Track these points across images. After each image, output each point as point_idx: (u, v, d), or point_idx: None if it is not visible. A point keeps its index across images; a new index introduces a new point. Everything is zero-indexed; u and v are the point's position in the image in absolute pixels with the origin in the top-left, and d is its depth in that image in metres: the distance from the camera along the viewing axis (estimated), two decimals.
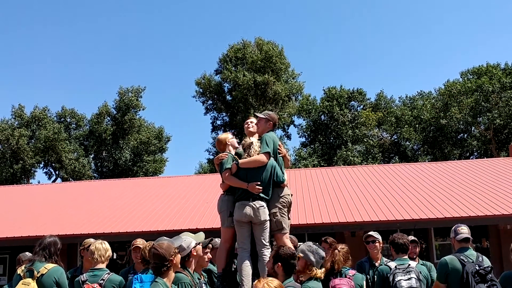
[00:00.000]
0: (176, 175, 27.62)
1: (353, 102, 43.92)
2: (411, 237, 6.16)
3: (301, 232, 16.68)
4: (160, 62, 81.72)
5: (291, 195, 5.65)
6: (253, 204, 5.19)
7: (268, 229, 5.27)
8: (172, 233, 13.39)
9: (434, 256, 16.16)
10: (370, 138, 41.66)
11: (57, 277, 4.99)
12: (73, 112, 46.56)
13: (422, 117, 39.94)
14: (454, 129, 38.86)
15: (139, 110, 46.06)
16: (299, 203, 17.58)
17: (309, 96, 45.33)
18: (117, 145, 44.50)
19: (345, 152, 39.11)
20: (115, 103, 45.42)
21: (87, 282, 4.90)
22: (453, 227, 5.14)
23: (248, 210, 5.17)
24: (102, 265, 5.11)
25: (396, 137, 42.89)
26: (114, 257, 18.74)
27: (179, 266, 3.84)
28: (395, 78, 77.64)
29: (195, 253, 4.10)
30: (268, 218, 5.25)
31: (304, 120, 45.25)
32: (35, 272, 4.89)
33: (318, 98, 44.95)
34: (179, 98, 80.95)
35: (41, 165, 44.27)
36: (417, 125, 40.56)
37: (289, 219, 5.54)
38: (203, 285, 4.61)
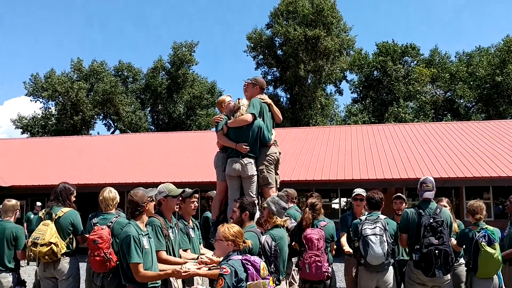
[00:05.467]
0: None
1: (406, 57, 42.72)
2: (398, 194, 6.54)
3: (333, 188, 17.23)
4: (213, 16, 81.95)
5: (280, 153, 6.15)
6: (242, 160, 5.75)
7: (255, 183, 5.81)
8: (207, 185, 14.26)
9: (465, 214, 16.19)
10: (423, 94, 40.64)
11: (72, 219, 5.82)
12: (130, 66, 48.18)
13: (478, 73, 38.29)
14: (510, 87, 37.12)
15: (192, 65, 47.11)
16: (327, 160, 18.06)
17: (361, 50, 44.45)
18: (172, 99, 45.96)
19: (396, 109, 38.52)
20: (169, 57, 46.60)
21: (97, 224, 5.67)
22: (420, 181, 5.55)
23: (237, 166, 5.74)
24: (112, 210, 5.88)
25: (449, 94, 41.56)
26: None
27: (153, 212, 4.51)
28: (451, 33, 74.03)
29: (164, 202, 4.77)
30: (255, 173, 5.80)
31: (356, 75, 44.63)
32: (53, 215, 5.76)
33: (370, 53, 44.06)
34: (231, 53, 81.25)
35: (101, 117, 46.65)
36: (472, 82, 38.96)
37: (277, 174, 6.08)
38: (190, 229, 5.30)
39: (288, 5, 41.72)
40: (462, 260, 5.97)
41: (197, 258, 4.62)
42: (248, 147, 5.77)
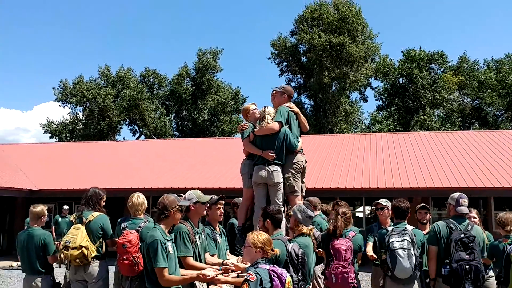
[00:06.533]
0: None
1: (433, 64, 42.20)
2: (423, 204, 6.51)
3: (358, 196, 17.11)
4: (237, 23, 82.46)
5: (306, 161, 6.17)
6: (268, 168, 5.78)
7: (281, 191, 5.84)
8: (230, 191, 14.32)
9: (493, 225, 15.89)
10: (450, 102, 40.08)
11: (102, 223, 5.94)
12: (156, 73, 48.79)
13: (507, 81, 37.59)
14: None
15: (217, 72, 47.49)
16: (351, 167, 17.93)
17: (387, 57, 44.10)
18: (196, 105, 46.36)
19: (422, 117, 38.08)
20: (194, 64, 47.09)
21: (126, 228, 5.78)
22: (456, 196, 5.42)
23: (263, 173, 5.78)
24: (140, 215, 5.98)
25: (477, 102, 40.87)
26: None
27: (178, 221, 4.58)
28: (480, 40, 72.79)
29: (193, 208, 4.82)
30: (281, 180, 5.82)
31: (381, 82, 44.28)
32: (84, 219, 5.89)
33: (396, 60, 43.70)
34: (255, 60, 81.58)
35: (126, 123, 47.31)
36: (501, 90, 38.25)
37: (303, 182, 6.10)
38: (217, 235, 5.34)
39: (313, 12, 41.72)
40: (491, 273, 5.87)
41: (222, 263, 4.67)
42: (274, 154, 5.81)
